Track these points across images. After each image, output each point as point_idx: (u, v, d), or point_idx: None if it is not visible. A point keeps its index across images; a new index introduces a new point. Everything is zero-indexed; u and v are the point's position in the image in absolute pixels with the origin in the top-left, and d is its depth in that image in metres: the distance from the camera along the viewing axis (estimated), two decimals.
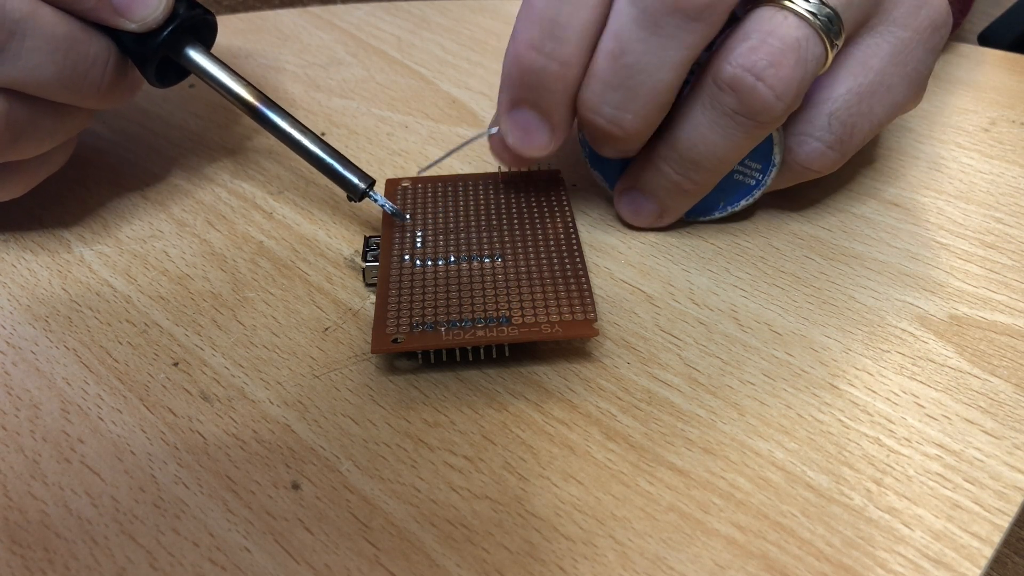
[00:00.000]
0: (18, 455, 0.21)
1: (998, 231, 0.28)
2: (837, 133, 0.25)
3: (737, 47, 0.23)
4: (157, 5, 0.24)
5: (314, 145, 0.26)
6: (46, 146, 0.26)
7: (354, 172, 0.26)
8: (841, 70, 0.25)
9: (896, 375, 0.22)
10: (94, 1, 0.24)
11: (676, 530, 0.19)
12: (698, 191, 0.26)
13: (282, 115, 0.26)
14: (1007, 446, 0.21)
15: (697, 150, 0.25)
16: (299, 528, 0.19)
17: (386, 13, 0.43)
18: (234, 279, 0.26)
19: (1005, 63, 0.38)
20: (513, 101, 0.25)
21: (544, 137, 0.25)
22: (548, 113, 0.24)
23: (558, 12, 0.23)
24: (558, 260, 0.25)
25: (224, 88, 0.26)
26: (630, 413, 0.22)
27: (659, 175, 0.26)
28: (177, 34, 0.25)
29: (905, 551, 0.18)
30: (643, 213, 0.27)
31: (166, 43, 0.25)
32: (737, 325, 0.24)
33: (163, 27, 0.25)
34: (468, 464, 0.21)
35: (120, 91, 0.26)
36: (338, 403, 0.22)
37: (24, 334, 0.24)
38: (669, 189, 0.26)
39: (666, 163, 0.26)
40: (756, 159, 0.26)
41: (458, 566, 0.18)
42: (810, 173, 0.26)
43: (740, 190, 0.27)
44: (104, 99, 0.26)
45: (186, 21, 0.25)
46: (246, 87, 0.26)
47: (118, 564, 0.18)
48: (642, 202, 0.27)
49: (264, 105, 0.26)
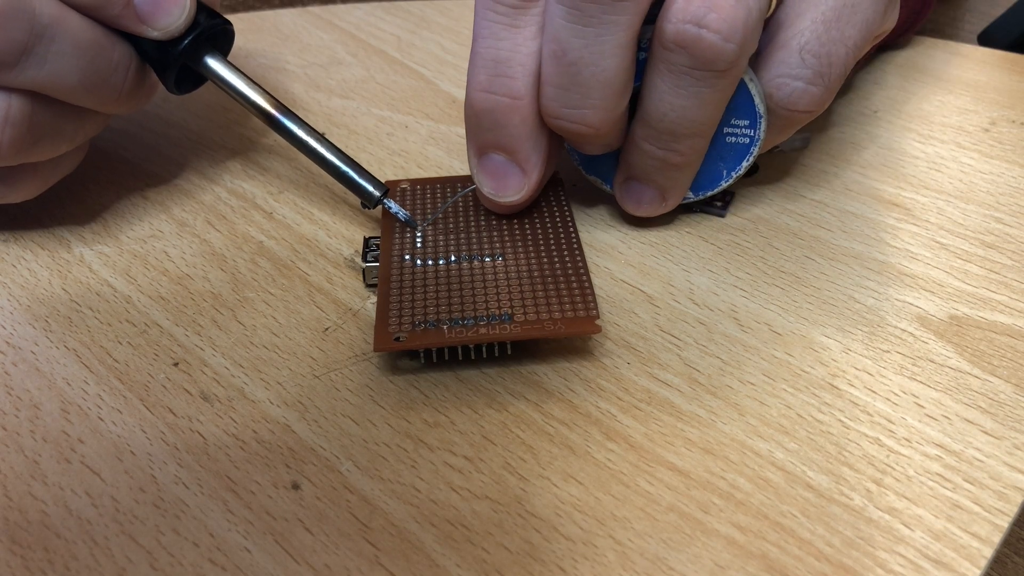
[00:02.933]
0: (18, 455, 0.21)
1: (998, 231, 0.28)
2: (813, 67, 0.24)
3: (673, 5, 0.22)
4: (179, 14, 0.25)
5: (330, 153, 0.26)
6: (63, 148, 0.26)
7: (369, 180, 0.26)
8: (800, 2, 0.25)
9: (896, 375, 0.22)
10: (120, 8, 0.24)
11: (676, 530, 0.19)
12: (689, 162, 0.26)
13: (298, 123, 0.27)
14: (1007, 446, 0.21)
15: (669, 119, 0.24)
16: (299, 528, 0.19)
17: (386, 13, 0.43)
18: (234, 279, 0.26)
19: (1005, 63, 0.38)
20: (480, 148, 0.25)
21: (517, 179, 0.25)
22: (513, 151, 0.25)
23: (498, 50, 0.24)
24: (559, 258, 0.25)
25: (241, 96, 0.27)
26: (630, 413, 0.22)
27: (645, 156, 0.26)
28: (197, 43, 0.26)
29: (905, 551, 0.18)
30: (645, 201, 0.27)
31: (186, 51, 0.26)
32: (737, 325, 0.24)
33: (184, 35, 0.25)
34: (468, 464, 0.21)
35: (138, 97, 0.27)
36: (338, 403, 0.22)
37: (24, 334, 0.24)
38: (660, 168, 0.26)
39: (647, 142, 0.25)
40: (741, 116, 0.26)
41: (458, 566, 0.18)
42: (800, 116, 0.25)
43: (737, 152, 0.26)
44: (123, 104, 0.26)
45: (206, 30, 0.26)
46: (263, 95, 0.27)
47: (118, 564, 0.18)
48: (641, 190, 0.27)
49: (280, 113, 0.26)
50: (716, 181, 0.27)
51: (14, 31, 0.22)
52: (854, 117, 0.34)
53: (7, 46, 0.22)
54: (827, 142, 0.32)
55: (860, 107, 0.34)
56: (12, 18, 0.22)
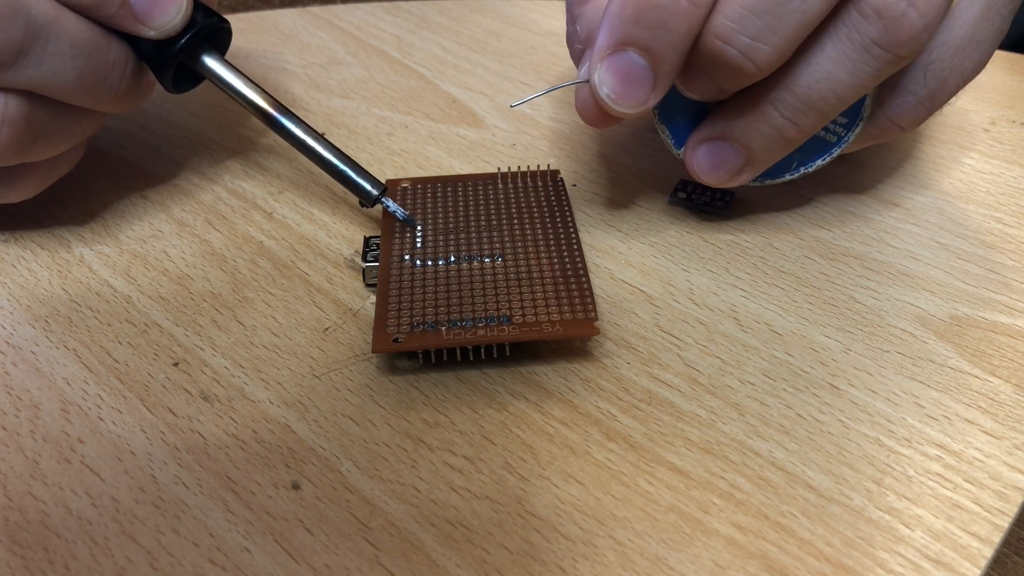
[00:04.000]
0: (18, 455, 0.21)
1: (998, 231, 0.28)
2: (931, 87, 0.24)
3: None
4: (176, 13, 0.25)
5: (328, 152, 0.26)
6: (62, 148, 0.26)
7: (367, 179, 0.26)
8: None
9: (896, 375, 0.22)
10: (116, 8, 0.24)
11: (676, 530, 0.19)
12: (799, 139, 0.24)
13: (296, 122, 0.27)
14: (1007, 446, 0.21)
15: (816, 89, 0.23)
16: (299, 528, 0.19)
17: (386, 13, 0.43)
18: (234, 279, 0.26)
19: (1005, 63, 0.38)
20: (618, 42, 0.22)
21: (645, 90, 0.23)
22: (660, 60, 0.22)
23: None
24: (558, 259, 0.25)
25: (239, 95, 0.27)
26: (630, 413, 0.22)
27: (761, 120, 0.24)
28: (194, 41, 0.26)
29: (905, 551, 0.18)
30: (725, 166, 0.25)
31: (183, 50, 0.26)
32: (737, 325, 0.24)
33: (181, 35, 0.25)
34: (468, 464, 0.20)
35: (135, 96, 0.26)
36: (338, 403, 0.22)
37: (24, 334, 0.24)
38: (769, 136, 0.24)
39: (774, 106, 0.24)
40: (845, 113, 0.25)
41: (458, 566, 0.18)
42: (895, 130, 0.25)
43: (819, 148, 0.26)
44: (120, 103, 0.26)
45: (203, 29, 0.26)
46: (260, 94, 0.27)
47: (118, 564, 0.18)
48: (727, 153, 0.25)
49: (278, 112, 0.26)
50: (782, 172, 0.26)
51: (10, 31, 0.22)
52: None
53: (3, 47, 0.22)
54: None
55: None
56: (8, 18, 0.22)
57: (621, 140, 0.32)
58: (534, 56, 0.38)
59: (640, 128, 0.33)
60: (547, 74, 0.37)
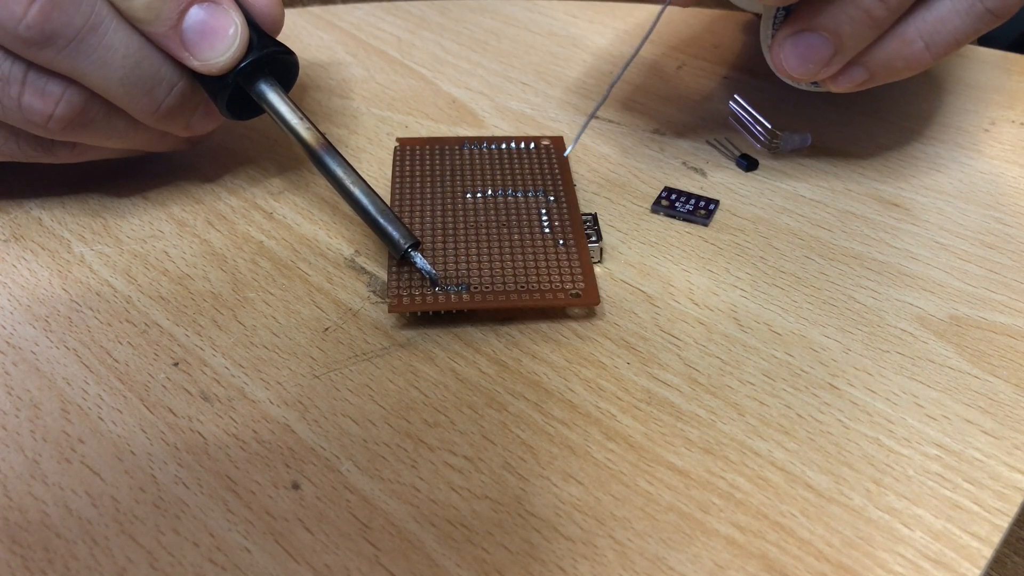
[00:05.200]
0: (18, 455, 0.21)
1: (998, 231, 0.28)
2: None
3: None
4: (225, 50, 0.25)
5: (364, 197, 0.25)
6: (110, 145, 0.27)
7: (399, 230, 0.25)
8: None
9: (896, 375, 0.22)
10: (166, 28, 0.24)
11: (676, 530, 0.19)
12: (888, 20, 0.25)
13: (339, 161, 0.26)
14: (1007, 446, 0.21)
15: None
16: (299, 528, 0.19)
17: (386, 13, 0.43)
18: (234, 279, 0.26)
19: (1005, 63, 0.38)
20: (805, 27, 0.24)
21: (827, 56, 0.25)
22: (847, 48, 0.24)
23: None
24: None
25: (287, 125, 0.26)
26: (630, 413, 0.22)
27: (848, 4, 0.25)
28: (251, 70, 0.25)
29: (905, 551, 0.18)
30: (814, 56, 0.26)
31: (239, 78, 0.25)
32: (737, 325, 0.24)
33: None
34: (468, 464, 0.21)
35: (184, 117, 0.27)
36: (338, 403, 0.22)
37: (24, 334, 0.24)
38: (858, 21, 0.25)
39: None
40: None
41: (458, 566, 0.18)
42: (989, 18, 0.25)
43: None
44: (167, 120, 0.26)
45: (260, 60, 0.25)
46: (308, 128, 0.26)
47: (118, 564, 0.18)
48: (815, 43, 0.26)
49: (322, 149, 0.26)
50: None
51: (74, 14, 0.23)
52: (854, 117, 0.34)
53: (63, 26, 0.23)
54: (827, 142, 0.32)
55: (861, 107, 0.34)
56: (75, 3, 0.23)
57: (621, 140, 0.32)
58: (534, 56, 0.38)
59: (640, 128, 0.33)
60: (547, 74, 0.37)
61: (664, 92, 0.36)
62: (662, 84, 0.36)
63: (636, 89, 0.36)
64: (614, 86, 0.29)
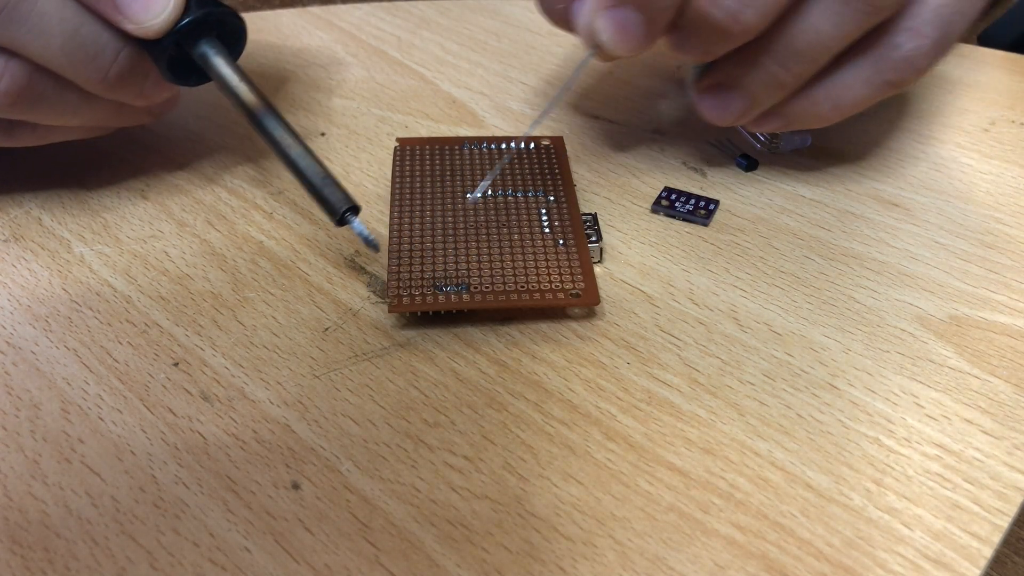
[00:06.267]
0: (18, 455, 0.21)
1: (998, 231, 0.28)
2: (942, 30, 0.24)
3: None
4: (159, 11, 0.24)
5: (303, 162, 0.24)
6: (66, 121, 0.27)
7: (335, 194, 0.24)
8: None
9: (896, 375, 0.22)
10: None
11: (676, 530, 0.19)
12: (795, 84, 0.26)
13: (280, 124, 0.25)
14: (1007, 446, 0.21)
15: (803, 39, 0.24)
16: (299, 528, 0.19)
17: (386, 13, 0.43)
18: (234, 279, 0.26)
19: (1005, 63, 0.38)
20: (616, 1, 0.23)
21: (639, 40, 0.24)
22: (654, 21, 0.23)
23: None
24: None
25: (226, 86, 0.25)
26: (630, 413, 0.22)
27: (758, 69, 0.25)
28: (191, 31, 0.25)
29: (905, 551, 0.18)
30: (730, 108, 0.27)
31: (178, 39, 0.25)
32: (737, 325, 0.24)
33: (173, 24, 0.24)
34: (468, 464, 0.21)
35: (136, 84, 0.26)
36: (338, 403, 0.22)
37: (24, 334, 0.24)
38: (766, 83, 0.26)
39: (768, 56, 0.25)
40: None
41: (458, 566, 0.18)
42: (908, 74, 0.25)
43: None
44: (115, 89, 0.26)
45: (200, 20, 0.25)
46: (250, 89, 0.25)
47: (118, 564, 0.19)
48: (731, 97, 0.27)
49: (262, 111, 0.25)
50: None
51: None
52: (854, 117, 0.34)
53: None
54: (827, 142, 0.32)
55: None
56: None
57: (621, 140, 0.32)
58: (534, 56, 0.38)
59: (640, 128, 0.33)
60: (547, 74, 0.37)
61: (664, 92, 0.36)
62: (662, 84, 0.36)
63: (636, 89, 0.36)
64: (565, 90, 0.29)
